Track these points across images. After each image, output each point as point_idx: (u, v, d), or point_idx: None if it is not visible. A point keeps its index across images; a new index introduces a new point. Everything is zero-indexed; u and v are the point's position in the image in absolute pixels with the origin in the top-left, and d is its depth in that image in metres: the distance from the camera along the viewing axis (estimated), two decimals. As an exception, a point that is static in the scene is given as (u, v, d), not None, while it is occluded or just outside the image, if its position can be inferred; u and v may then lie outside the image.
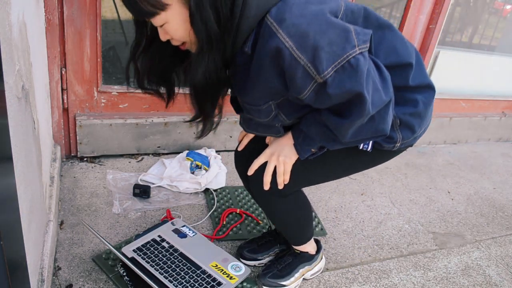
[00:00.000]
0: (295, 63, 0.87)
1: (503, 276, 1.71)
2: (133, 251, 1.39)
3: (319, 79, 0.88)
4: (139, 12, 0.90)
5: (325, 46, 0.85)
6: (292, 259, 1.43)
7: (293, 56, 0.86)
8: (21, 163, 0.92)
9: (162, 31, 0.95)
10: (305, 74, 0.88)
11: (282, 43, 0.86)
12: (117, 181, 1.81)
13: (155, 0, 0.86)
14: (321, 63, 0.86)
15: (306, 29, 0.85)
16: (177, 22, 0.91)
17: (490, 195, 2.35)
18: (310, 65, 0.87)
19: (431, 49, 2.37)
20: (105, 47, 1.83)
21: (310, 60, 0.86)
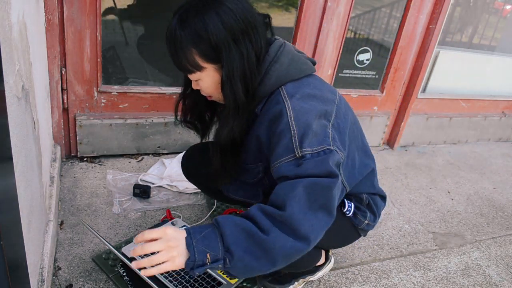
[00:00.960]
0: (284, 129, 1.00)
1: (503, 276, 1.71)
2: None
3: (298, 153, 0.98)
4: (179, 66, 1.05)
5: (312, 131, 0.99)
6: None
7: (288, 124, 1.00)
8: (21, 163, 0.92)
9: (195, 83, 1.11)
10: (288, 144, 0.99)
11: (285, 110, 1.01)
12: (117, 181, 1.81)
13: (194, 62, 1.02)
14: (304, 141, 0.98)
15: (305, 111, 1.01)
16: (208, 82, 1.07)
17: (490, 195, 2.35)
18: (295, 138, 0.98)
19: (431, 49, 2.37)
20: (105, 47, 1.83)
21: (297, 132, 0.99)
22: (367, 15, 2.35)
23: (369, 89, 2.46)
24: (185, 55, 1.02)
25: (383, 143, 2.69)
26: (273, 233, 0.92)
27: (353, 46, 2.30)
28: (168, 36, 1.03)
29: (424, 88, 2.67)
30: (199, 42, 0.99)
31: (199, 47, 1.00)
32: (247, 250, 0.92)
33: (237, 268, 0.93)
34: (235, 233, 0.93)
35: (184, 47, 1.00)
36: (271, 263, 0.93)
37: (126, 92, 1.89)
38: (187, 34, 0.99)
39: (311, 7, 2.02)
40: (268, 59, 1.06)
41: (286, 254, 0.93)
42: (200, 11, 0.99)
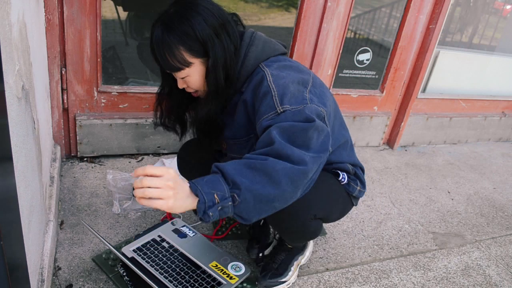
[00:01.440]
0: (266, 91, 1.11)
1: (503, 276, 1.71)
2: (133, 251, 1.39)
3: (279, 109, 1.07)
4: (168, 66, 1.14)
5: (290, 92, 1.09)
6: (286, 255, 1.46)
7: (268, 86, 1.12)
8: (21, 163, 0.92)
9: (181, 81, 1.19)
10: (270, 103, 1.09)
11: (265, 76, 1.15)
12: (117, 181, 1.81)
13: (183, 59, 1.12)
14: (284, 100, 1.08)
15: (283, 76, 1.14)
16: (196, 76, 1.17)
17: (490, 195, 2.35)
18: (276, 98, 1.09)
19: (431, 49, 2.37)
20: (105, 47, 1.83)
21: (277, 92, 1.10)
22: (367, 15, 2.35)
23: (369, 89, 2.46)
24: (174, 55, 1.11)
25: (383, 143, 2.69)
26: (270, 160, 0.96)
27: (353, 46, 2.31)
28: (155, 42, 1.12)
29: (424, 88, 2.67)
30: (187, 40, 1.10)
31: (187, 44, 1.10)
32: (251, 179, 0.94)
33: (246, 202, 0.93)
34: (236, 167, 0.95)
35: (173, 48, 1.10)
36: (276, 186, 0.95)
37: (126, 92, 1.89)
38: (175, 35, 1.09)
39: (311, 7, 2.02)
40: (244, 45, 1.19)
41: (289, 175, 0.96)
42: (183, 15, 1.10)
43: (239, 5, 2.07)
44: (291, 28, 2.10)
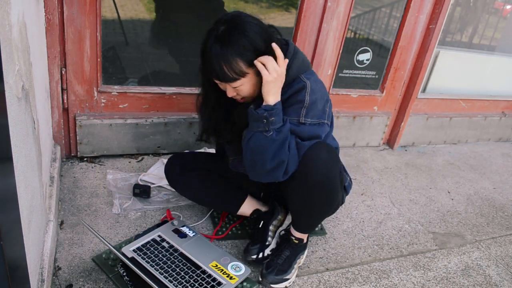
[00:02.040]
0: (301, 100, 1.30)
1: (503, 276, 1.71)
2: (133, 251, 1.39)
3: (301, 119, 1.30)
4: (224, 77, 1.23)
5: (316, 108, 1.32)
6: (290, 251, 1.48)
7: (305, 96, 1.30)
8: (21, 163, 0.92)
9: (232, 90, 1.29)
10: (297, 111, 1.30)
11: (306, 87, 1.31)
12: (117, 181, 1.81)
13: (240, 70, 1.22)
14: (308, 115, 1.30)
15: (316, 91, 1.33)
16: (249, 85, 1.28)
17: (490, 195, 2.35)
18: (304, 109, 1.30)
19: (431, 49, 2.37)
20: (105, 47, 1.83)
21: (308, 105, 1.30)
22: (367, 15, 2.35)
23: (369, 89, 2.46)
24: (232, 67, 1.21)
25: (383, 143, 2.69)
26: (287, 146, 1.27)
27: (353, 46, 2.30)
28: (213, 56, 1.21)
29: (424, 88, 2.67)
30: (245, 52, 1.21)
31: (245, 56, 1.21)
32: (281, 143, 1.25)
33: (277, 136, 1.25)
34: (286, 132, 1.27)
35: (231, 60, 1.20)
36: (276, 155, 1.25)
37: (126, 92, 1.89)
38: (233, 48, 1.20)
39: (311, 7, 2.02)
40: (289, 55, 1.32)
41: (280, 162, 1.26)
42: (237, 30, 1.21)
43: (239, 5, 2.07)
44: (291, 28, 2.10)
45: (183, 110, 2.04)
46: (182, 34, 2.09)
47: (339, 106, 2.40)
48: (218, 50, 1.20)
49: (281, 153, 1.25)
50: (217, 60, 1.20)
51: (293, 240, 1.50)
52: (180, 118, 2.03)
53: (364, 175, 2.29)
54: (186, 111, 2.05)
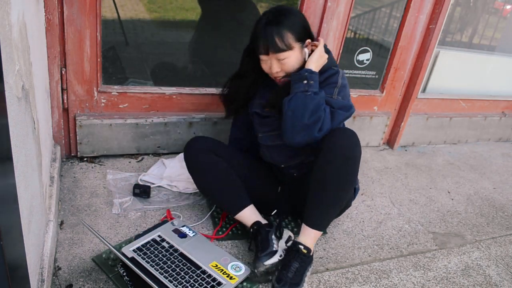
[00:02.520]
0: (334, 81, 1.54)
1: (503, 276, 1.71)
2: (133, 251, 1.39)
3: (334, 96, 1.52)
4: (274, 47, 1.43)
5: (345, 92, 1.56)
6: (299, 263, 1.41)
7: (337, 78, 1.55)
8: (21, 163, 0.92)
9: (278, 64, 1.48)
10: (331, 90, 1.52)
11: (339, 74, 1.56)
12: (117, 181, 1.81)
13: (289, 42, 1.44)
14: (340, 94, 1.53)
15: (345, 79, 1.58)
16: (293, 59, 1.48)
17: (490, 195, 2.35)
18: (337, 89, 1.53)
19: (431, 49, 2.37)
20: (105, 47, 1.83)
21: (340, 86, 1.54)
22: (367, 15, 2.35)
23: (369, 89, 2.46)
24: (282, 39, 1.43)
25: (383, 143, 2.69)
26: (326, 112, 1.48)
27: (353, 46, 2.30)
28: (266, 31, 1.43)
29: (424, 88, 2.67)
30: (294, 27, 1.45)
31: (294, 30, 1.45)
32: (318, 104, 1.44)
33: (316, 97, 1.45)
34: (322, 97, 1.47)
35: (282, 32, 1.43)
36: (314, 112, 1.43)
37: (126, 92, 1.89)
38: (285, 23, 1.44)
39: (311, 7, 2.02)
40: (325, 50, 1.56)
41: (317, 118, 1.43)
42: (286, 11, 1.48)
43: (239, 5, 2.07)
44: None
45: (183, 110, 2.04)
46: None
47: (339, 106, 2.40)
48: (272, 26, 1.43)
49: (318, 110, 1.42)
50: (271, 33, 1.42)
51: (302, 250, 1.42)
52: (180, 118, 2.03)
53: (364, 175, 2.29)
54: (186, 111, 2.05)
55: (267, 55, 1.46)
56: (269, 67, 1.49)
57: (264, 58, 1.48)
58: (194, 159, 1.60)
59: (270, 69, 1.49)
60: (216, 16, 2.11)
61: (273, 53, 1.44)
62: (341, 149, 1.41)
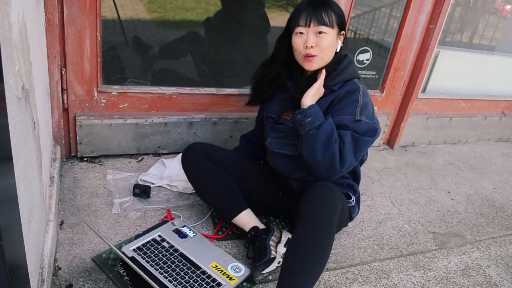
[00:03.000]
0: (355, 99, 1.45)
1: (503, 276, 1.71)
2: (133, 250, 1.39)
3: (357, 117, 1.43)
4: (318, 17, 1.41)
5: (368, 110, 1.48)
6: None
7: (358, 96, 1.46)
8: (21, 163, 0.92)
9: (314, 37, 1.42)
10: (353, 110, 1.44)
11: (359, 89, 1.48)
12: (117, 181, 1.81)
13: (331, 19, 1.42)
14: (363, 113, 1.44)
15: (367, 96, 1.50)
16: (329, 41, 1.43)
17: (490, 195, 2.35)
18: (358, 108, 1.44)
19: (431, 49, 2.37)
20: (105, 47, 1.83)
21: (361, 105, 1.45)
22: (367, 15, 2.35)
23: (369, 89, 2.46)
24: (328, 14, 1.41)
25: (383, 143, 2.69)
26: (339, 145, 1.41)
27: (353, 46, 2.30)
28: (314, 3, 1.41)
29: (424, 88, 2.67)
30: (339, 12, 1.45)
31: (338, 14, 1.45)
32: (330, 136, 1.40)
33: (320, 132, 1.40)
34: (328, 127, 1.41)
35: (329, 9, 1.42)
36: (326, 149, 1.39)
37: (126, 92, 1.89)
38: (331, 4, 1.44)
39: (311, 7, 2.02)
40: (348, 59, 1.53)
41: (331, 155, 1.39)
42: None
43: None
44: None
45: (183, 110, 2.04)
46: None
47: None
48: (319, 2, 1.41)
49: (329, 147, 1.38)
50: (318, 6, 1.41)
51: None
52: (180, 118, 2.03)
53: (364, 175, 2.29)
54: (186, 111, 2.05)
55: (307, 26, 1.41)
56: (304, 41, 1.42)
57: (302, 30, 1.42)
58: (190, 166, 1.63)
59: (305, 43, 1.42)
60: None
61: (315, 25, 1.40)
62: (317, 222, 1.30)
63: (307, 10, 1.41)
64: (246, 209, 1.58)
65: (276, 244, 1.49)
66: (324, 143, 1.38)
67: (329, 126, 1.40)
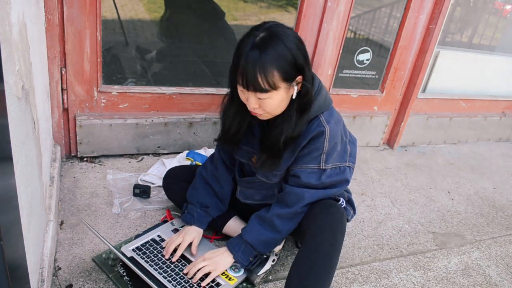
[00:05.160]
0: (320, 147, 1.27)
1: (503, 276, 1.71)
2: (132, 250, 1.39)
3: (322, 166, 1.30)
4: (254, 86, 1.15)
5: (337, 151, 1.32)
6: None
7: (323, 143, 1.27)
8: (21, 163, 0.92)
9: (256, 101, 1.20)
10: (317, 158, 1.29)
11: (325, 133, 1.27)
12: (117, 181, 1.81)
13: (273, 82, 1.15)
14: (329, 158, 1.30)
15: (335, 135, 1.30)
16: (276, 101, 1.20)
17: (490, 195, 2.35)
18: (324, 155, 1.29)
19: (431, 49, 2.37)
20: (105, 47, 1.83)
21: (327, 151, 1.28)
22: (367, 15, 2.35)
23: (369, 89, 2.46)
24: (266, 77, 1.13)
25: (383, 143, 2.69)
26: (284, 229, 1.36)
27: (353, 46, 2.31)
28: (250, 62, 1.13)
29: (424, 88, 2.67)
30: (284, 64, 1.15)
31: (283, 68, 1.15)
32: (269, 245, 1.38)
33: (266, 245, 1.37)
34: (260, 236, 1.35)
35: (268, 70, 1.13)
36: (282, 237, 1.38)
37: (126, 92, 1.89)
38: (272, 58, 1.13)
39: (311, 7, 2.02)
40: (314, 89, 1.28)
41: (288, 233, 1.37)
42: (277, 38, 1.14)
43: (239, 5, 2.07)
44: (291, 28, 2.10)
45: (183, 110, 2.04)
46: (183, 34, 2.10)
47: (339, 106, 2.40)
48: (256, 57, 1.12)
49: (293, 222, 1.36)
50: (253, 67, 1.12)
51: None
52: (180, 118, 2.03)
53: (364, 175, 2.29)
54: (186, 111, 2.05)
55: (247, 90, 1.18)
56: (247, 99, 1.22)
57: (242, 89, 1.20)
58: (168, 191, 1.64)
59: (247, 102, 1.22)
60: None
61: (253, 91, 1.17)
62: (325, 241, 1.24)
63: (246, 74, 1.14)
64: (232, 217, 1.57)
65: None
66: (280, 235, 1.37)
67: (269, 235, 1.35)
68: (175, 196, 1.62)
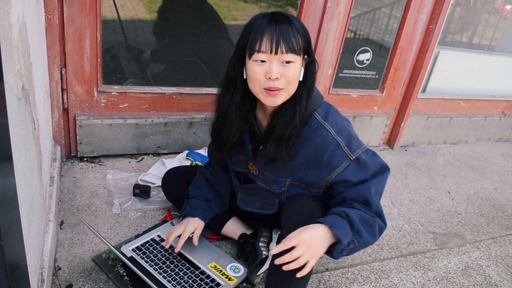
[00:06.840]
0: (336, 143, 1.20)
1: (503, 276, 1.71)
2: (132, 250, 1.39)
3: (352, 157, 1.21)
4: (287, 44, 1.11)
5: (353, 136, 1.25)
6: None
7: (335, 139, 1.21)
8: (21, 163, 0.92)
9: (279, 69, 1.13)
10: (342, 155, 1.21)
11: (328, 131, 1.21)
12: (117, 181, 1.81)
13: (299, 45, 1.13)
14: (353, 145, 1.22)
15: (340, 123, 1.24)
16: (297, 70, 1.16)
17: (490, 195, 2.35)
18: (346, 147, 1.21)
19: (431, 49, 2.37)
20: (105, 47, 1.83)
21: (346, 142, 1.21)
22: (367, 15, 2.35)
23: (369, 89, 2.46)
24: (295, 39, 1.13)
25: (383, 143, 2.69)
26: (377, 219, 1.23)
27: (353, 46, 2.31)
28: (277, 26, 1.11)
29: (424, 88, 2.67)
30: (304, 33, 1.17)
31: (304, 38, 1.16)
32: (367, 231, 1.20)
33: (358, 247, 1.22)
34: (357, 218, 1.18)
35: (296, 33, 1.13)
36: (374, 238, 1.24)
37: (126, 92, 1.89)
38: (298, 25, 1.15)
39: (311, 7, 2.02)
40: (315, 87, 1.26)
41: (379, 231, 1.25)
42: (293, 16, 1.17)
43: (239, 5, 2.07)
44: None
45: (183, 110, 2.04)
46: (180, 33, 2.10)
47: (339, 106, 2.38)
48: (284, 24, 1.12)
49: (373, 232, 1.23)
50: (285, 29, 1.11)
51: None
52: (180, 118, 2.03)
53: (364, 175, 2.29)
54: (186, 111, 2.05)
55: (274, 54, 1.11)
56: (267, 71, 1.13)
57: (264, 57, 1.12)
58: (167, 191, 1.64)
59: (268, 73, 1.12)
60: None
61: (282, 52, 1.11)
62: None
63: (271, 31, 1.10)
64: (230, 218, 1.57)
65: (267, 243, 1.49)
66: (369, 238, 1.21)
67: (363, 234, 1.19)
68: (174, 196, 1.63)
